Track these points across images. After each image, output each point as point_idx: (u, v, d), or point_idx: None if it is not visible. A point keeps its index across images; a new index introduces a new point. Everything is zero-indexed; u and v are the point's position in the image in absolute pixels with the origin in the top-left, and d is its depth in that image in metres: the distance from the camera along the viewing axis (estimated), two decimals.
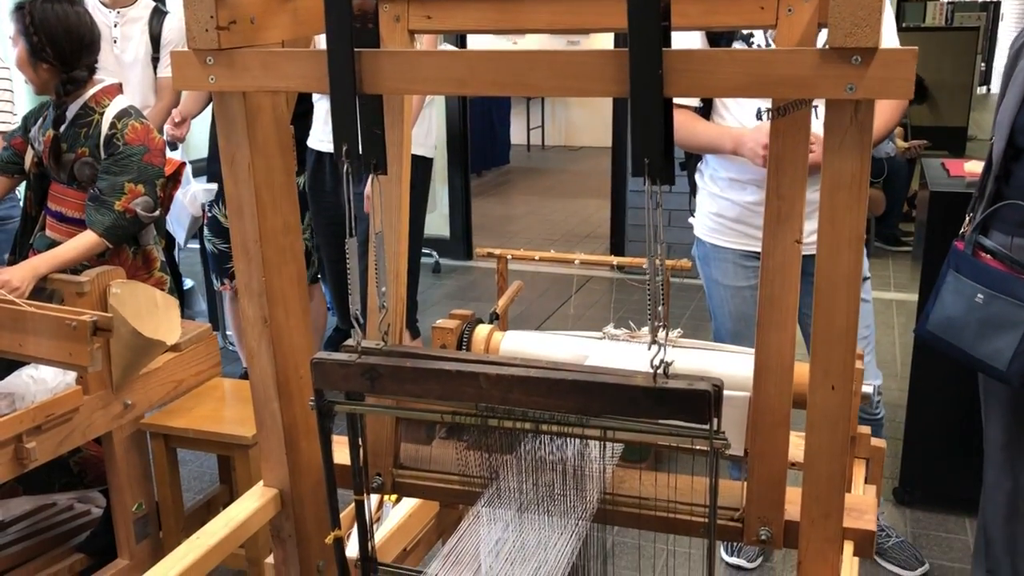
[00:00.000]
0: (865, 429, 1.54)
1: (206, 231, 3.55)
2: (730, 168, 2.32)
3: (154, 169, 2.38)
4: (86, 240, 2.32)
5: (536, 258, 3.10)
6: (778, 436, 1.15)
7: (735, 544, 2.59)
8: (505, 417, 1.12)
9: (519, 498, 1.21)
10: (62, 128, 2.39)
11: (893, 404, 3.33)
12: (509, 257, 3.09)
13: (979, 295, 2.02)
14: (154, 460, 2.43)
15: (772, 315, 1.13)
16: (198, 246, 4.00)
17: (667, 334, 1.05)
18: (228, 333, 4.05)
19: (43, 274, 2.25)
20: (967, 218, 2.16)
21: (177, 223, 3.44)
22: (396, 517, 1.57)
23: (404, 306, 1.30)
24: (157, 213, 2.41)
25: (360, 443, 1.25)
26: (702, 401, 1.01)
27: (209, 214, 3.44)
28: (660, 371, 1.03)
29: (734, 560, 2.56)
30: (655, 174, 0.95)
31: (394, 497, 1.70)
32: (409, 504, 1.61)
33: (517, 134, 10.00)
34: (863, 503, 1.20)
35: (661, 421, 1.08)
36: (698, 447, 1.06)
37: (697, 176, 2.47)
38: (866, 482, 1.46)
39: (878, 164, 5.75)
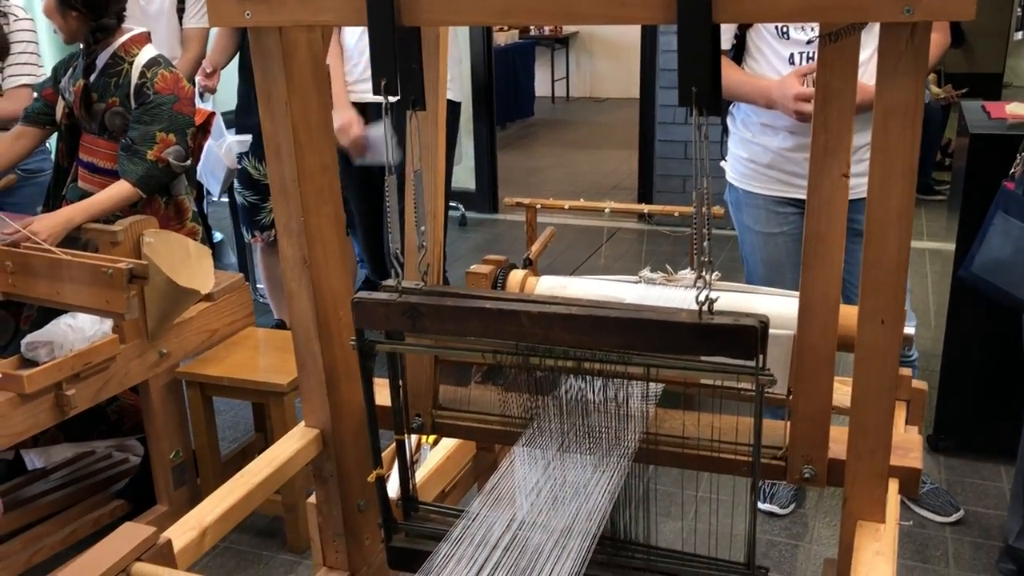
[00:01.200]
0: (906, 371, 1.52)
1: (236, 183, 3.55)
2: (762, 114, 2.28)
3: (185, 118, 2.37)
4: (120, 190, 2.33)
5: (566, 207, 3.07)
6: (822, 374, 1.14)
7: (767, 491, 2.59)
8: (547, 356, 1.11)
9: (559, 438, 1.21)
10: (92, 77, 2.38)
11: (927, 353, 3.30)
12: (538, 206, 3.07)
13: None
14: (190, 408, 2.46)
15: (818, 251, 1.11)
16: (227, 199, 4.00)
17: (712, 269, 1.03)
18: (259, 287, 4.07)
19: (77, 223, 2.26)
20: (1017, 158, 2.12)
21: (211, 175, 3.43)
22: (433, 460, 1.58)
23: (442, 247, 1.29)
24: (188, 162, 2.42)
25: (400, 383, 1.25)
26: (749, 336, 0.99)
27: (239, 166, 3.44)
28: (705, 307, 1.02)
29: (766, 507, 2.56)
30: (702, 103, 0.93)
31: (431, 440, 1.71)
32: (446, 447, 1.61)
33: (541, 86, 9.89)
34: (908, 441, 1.19)
35: (705, 359, 1.07)
36: (743, 384, 1.04)
37: (728, 120, 2.44)
38: (907, 423, 1.45)
39: None
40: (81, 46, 2.41)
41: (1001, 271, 2.04)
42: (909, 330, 1.48)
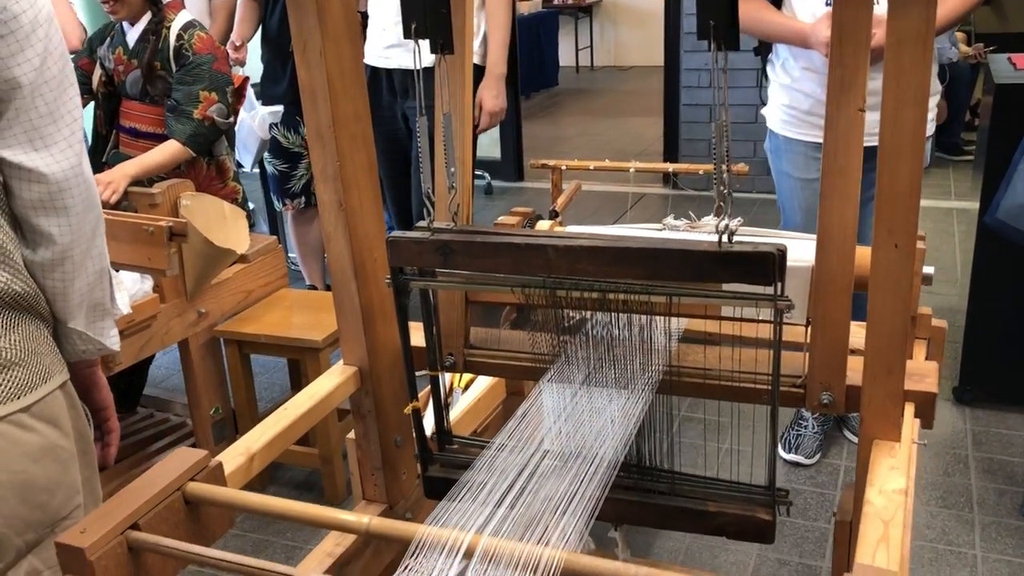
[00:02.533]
0: (926, 309, 1.55)
1: (266, 154, 3.62)
2: (802, 58, 2.31)
3: (224, 76, 2.46)
4: (170, 148, 2.43)
5: (591, 167, 3.10)
6: (840, 303, 1.18)
7: (793, 442, 2.64)
8: (573, 288, 1.16)
9: (584, 371, 1.26)
10: (132, 45, 2.46)
11: (952, 309, 3.31)
12: (563, 168, 3.10)
13: None
14: (228, 366, 2.54)
15: (835, 184, 1.15)
16: (258, 171, 4.07)
17: (730, 200, 1.07)
18: (291, 255, 4.15)
19: (133, 177, 2.35)
20: None
21: (244, 147, 3.50)
22: (465, 402, 1.64)
23: (471, 190, 1.34)
24: (231, 120, 2.50)
25: (434, 323, 1.31)
26: (767, 263, 1.04)
27: (269, 135, 3.50)
28: (725, 237, 1.06)
29: (792, 456, 2.61)
30: (720, 37, 0.97)
31: (463, 384, 1.78)
32: (478, 390, 1.67)
33: (565, 55, 9.86)
34: (924, 367, 1.23)
35: (725, 287, 1.11)
36: (762, 309, 1.09)
37: (768, 67, 2.47)
38: (927, 359, 1.48)
39: (940, 71, 5.58)
40: (112, 18, 2.49)
41: None
42: (928, 270, 1.52)
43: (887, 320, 1.06)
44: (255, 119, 3.36)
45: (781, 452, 2.63)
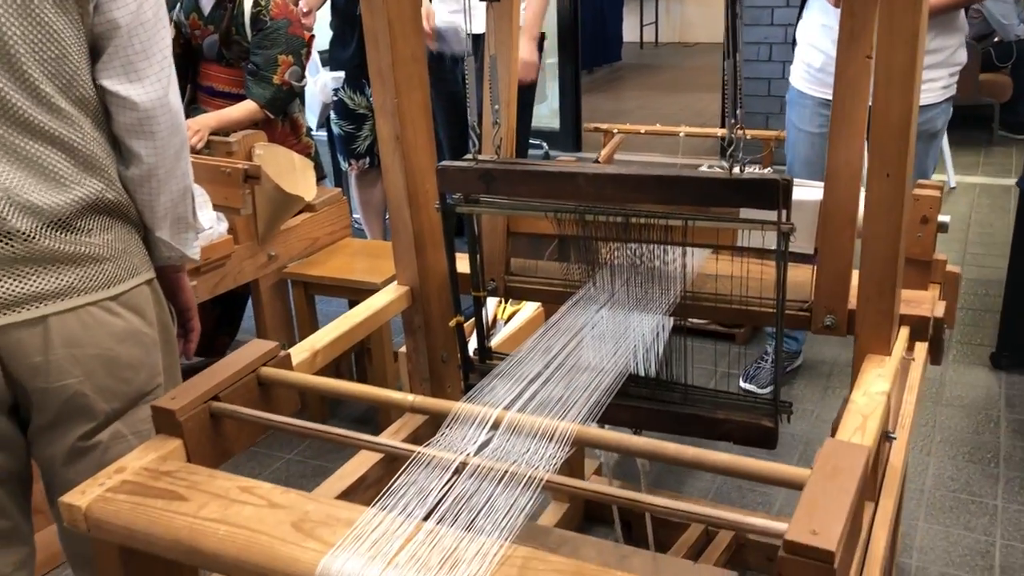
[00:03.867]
0: (943, 256, 1.65)
1: (333, 115, 3.80)
2: (820, 13, 2.42)
3: (299, 39, 2.64)
4: (249, 107, 2.63)
5: (642, 131, 3.22)
6: (845, 234, 1.30)
7: (751, 373, 2.82)
8: (599, 212, 1.30)
9: (609, 292, 1.40)
10: (208, 11, 2.65)
11: (1001, 282, 3.35)
12: (615, 132, 3.23)
13: None
14: (295, 306, 2.74)
15: (843, 125, 1.27)
16: (324, 135, 4.26)
17: (743, 135, 1.19)
18: (355, 216, 4.34)
19: (213, 128, 2.55)
20: None
21: (308, 110, 3.69)
22: (507, 331, 1.79)
23: (514, 130, 1.49)
24: (305, 81, 2.68)
25: (478, 248, 1.46)
26: (772, 189, 1.16)
27: (335, 98, 3.68)
28: (736, 167, 1.19)
29: (746, 385, 2.80)
30: None
31: (506, 316, 1.93)
32: (519, 320, 1.83)
33: (630, 31, 9.88)
34: (921, 296, 1.34)
35: (738, 215, 1.24)
36: (768, 232, 1.21)
37: (797, 30, 2.59)
38: (940, 299, 1.58)
39: (1006, 48, 5.52)
40: None
41: None
42: (944, 218, 1.62)
43: (880, 244, 1.18)
44: (318, 83, 3.54)
45: (740, 381, 2.82)
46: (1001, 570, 2.07)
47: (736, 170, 1.19)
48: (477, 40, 2.61)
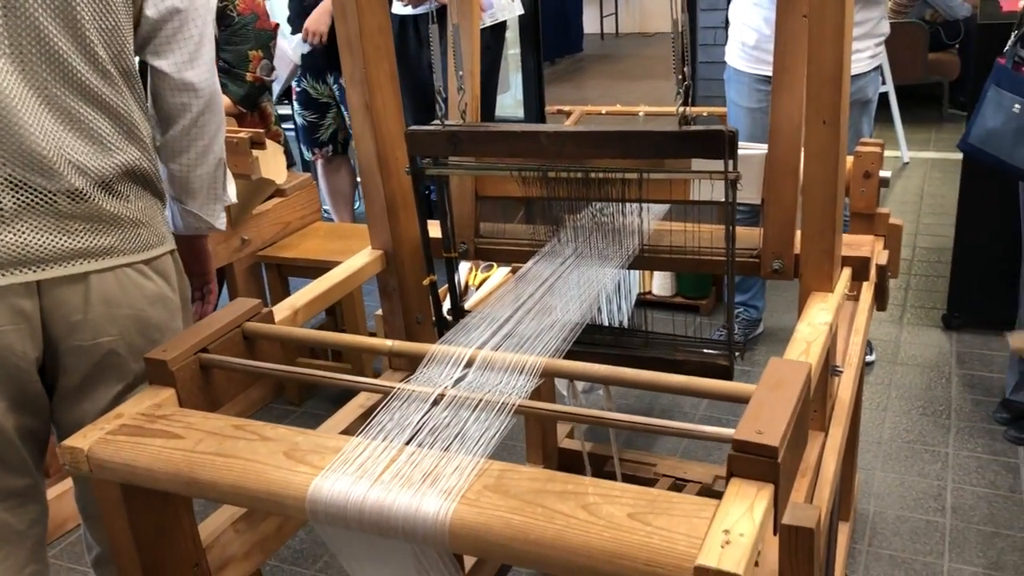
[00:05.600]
0: (885, 210, 1.76)
1: (296, 107, 3.84)
2: None
3: (267, 33, 2.69)
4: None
5: (603, 112, 3.31)
6: (788, 184, 1.39)
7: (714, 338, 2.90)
8: (561, 168, 1.38)
9: (573, 247, 1.49)
10: None
11: (951, 249, 3.49)
12: (577, 112, 3.31)
13: (1016, 105, 2.18)
14: (269, 288, 2.80)
15: (784, 80, 1.36)
16: (291, 127, 4.30)
17: (691, 90, 1.28)
18: (324, 208, 4.39)
19: None
20: (1012, 37, 2.30)
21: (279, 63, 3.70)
22: (478, 296, 1.87)
23: (479, 97, 1.56)
24: (275, 74, 2.74)
25: (448, 209, 1.54)
26: (719, 139, 1.25)
27: (298, 88, 3.73)
28: (685, 122, 1.28)
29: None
30: None
31: (477, 283, 2.01)
32: (489, 285, 1.91)
33: (590, 22, 9.99)
34: (860, 240, 1.44)
35: (690, 168, 1.33)
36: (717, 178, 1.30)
37: (730, 9, 2.70)
38: (883, 249, 1.69)
39: (955, 26, 5.68)
40: None
41: (993, 140, 2.25)
42: (885, 174, 1.72)
43: (819, 187, 1.28)
44: (291, 44, 3.55)
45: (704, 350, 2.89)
46: (952, 510, 2.18)
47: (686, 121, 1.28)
48: (442, 11, 2.70)
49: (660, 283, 3.23)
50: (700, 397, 1.07)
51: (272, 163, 2.66)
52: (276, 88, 3.64)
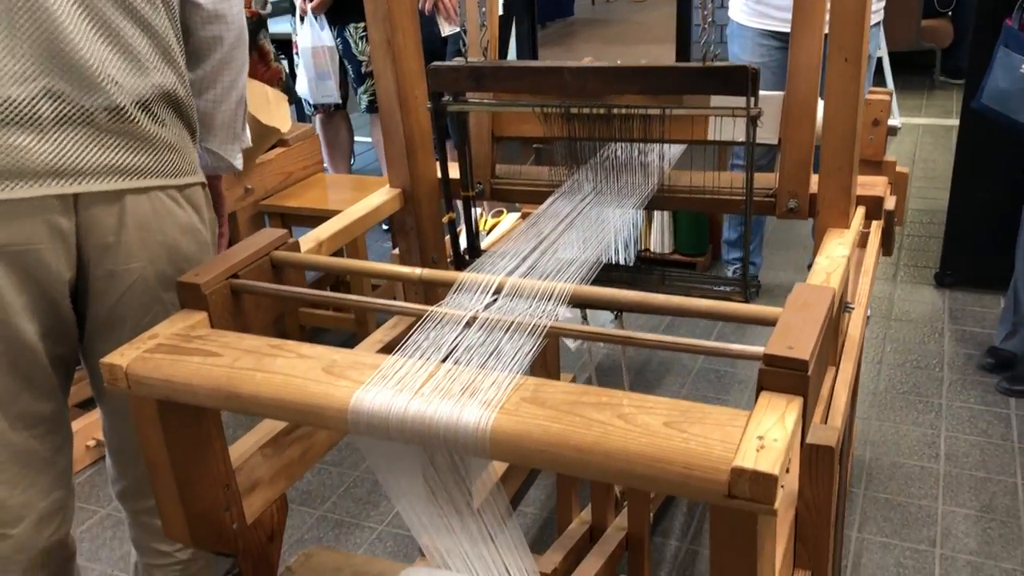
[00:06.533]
0: (892, 158, 1.79)
1: (299, 60, 3.83)
2: None
3: None
4: None
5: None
6: (805, 125, 1.42)
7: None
8: (584, 105, 1.40)
9: (592, 185, 1.51)
10: None
11: (942, 211, 3.54)
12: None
13: (1023, 67, 2.23)
14: None
15: (804, 23, 1.38)
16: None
17: (714, 28, 1.30)
18: (325, 167, 4.38)
19: None
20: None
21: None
22: (488, 240, 1.89)
23: (497, 39, 1.57)
24: (269, 8, 2.72)
25: (467, 147, 1.55)
26: (742, 75, 1.28)
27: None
28: (709, 57, 1.30)
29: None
30: None
31: (488, 228, 2.03)
32: (500, 230, 1.93)
33: None
34: (874, 180, 1.47)
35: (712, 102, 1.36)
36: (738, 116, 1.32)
37: None
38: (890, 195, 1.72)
39: None
40: None
41: (1003, 100, 2.30)
42: (895, 122, 1.75)
43: (838, 124, 1.30)
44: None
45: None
46: (946, 457, 2.24)
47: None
48: None
49: (657, 239, 3.26)
50: (726, 321, 1.09)
51: (276, 112, 2.66)
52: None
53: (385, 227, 3.84)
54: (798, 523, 1.17)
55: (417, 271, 1.24)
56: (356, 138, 4.08)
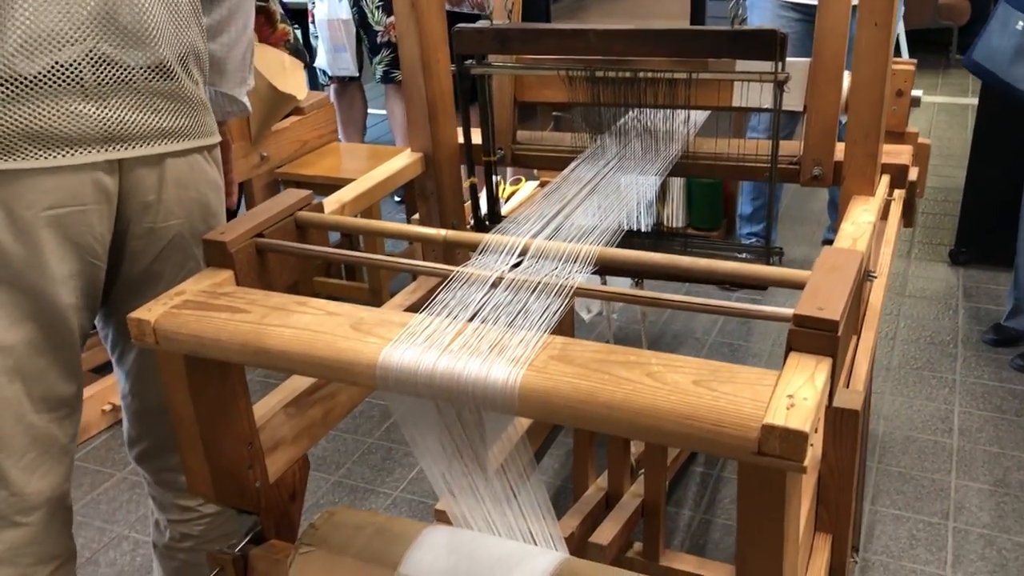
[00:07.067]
0: (915, 129, 1.78)
1: (312, 28, 3.81)
2: None
3: None
4: None
5: None
6: (831, 92, 1.41)
7: None
8: (610, 68, 1.39)
9: (615, 152, 1.51)
10: None
11: (957, 189, 3.52)
12: None
13: (1020, 22, 2.21)
14: None
15: None
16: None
17: None
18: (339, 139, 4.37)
19: None
20: None
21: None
22: (506, 208, 1.89)
23: (522, 1, 1.56)
24: None
25: (489, 112, 1.55)
26: (771, 39, 1.27)
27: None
28: (737, 21, 1.29)
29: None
30: None
31: (506, 196, 2.03)
32: (518, 198, 1.92)
33: None
34: (899, 149, 1.47)
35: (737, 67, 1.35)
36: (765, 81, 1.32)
37: None
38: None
39: None
40: None
41: (993, 57, 2.28)
42: (917, 92, 1.74)
43: (866, 89, 1.30)
44: None
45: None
46: (959, 432, 2.25)
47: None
48: None
49: (671, 213, 3.25)
50: (755, 283, 1.09)
51: (292, 79, 2.65)
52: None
53: (398, 199, 3.84)
54: (820, 487, 1.17)
55: (442, 232, 1.24)
56: (369, 110, 4.07)
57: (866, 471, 2.12)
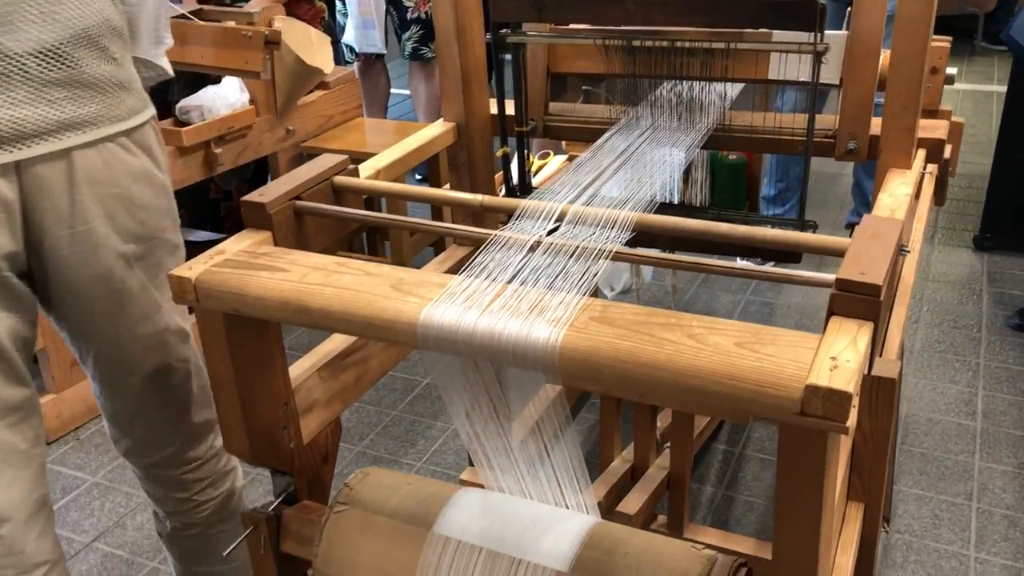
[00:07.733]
0: (948, 106, 1.77)
1: (339, 5, 3.81)
2: None
3: None
4: None
5: None
6: (868, 65, 1.40)
7: None
8: (647, 37, 1.39)
9: (651, 123, 1.50)
10: None
11: (983, 176, 3.50)
12: None
13: None
14: None
15: None
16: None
17: None
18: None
19: None
20: None
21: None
22: (535, 180, 1.89)
23: None
24: None
25: (522, 82, 1.55)
26: (811, 9, 1.26)
27: None
28: None
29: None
30: None
31: (535, 170, 2.03)
32: (547, 172, 1.93)
33: None
34: (935, 123, 1.46)
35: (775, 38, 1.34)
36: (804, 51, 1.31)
37: None
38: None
39: None
40: None
41: None
42: (952, 71, 1.73)
43: (906, 62, 1.29)
44: None
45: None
46: (983, 414, 2.24)
47: None
48: None
49: (694, 194, 3.24)
50: (795, 249, 1.09)
51: (319, 53, 2.65)
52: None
53: (419, 176, 3.84)
54: (854, 456, 1.18)
55: (478, 197, 1.24)
56: (392, 90, 4.07)
57: None
